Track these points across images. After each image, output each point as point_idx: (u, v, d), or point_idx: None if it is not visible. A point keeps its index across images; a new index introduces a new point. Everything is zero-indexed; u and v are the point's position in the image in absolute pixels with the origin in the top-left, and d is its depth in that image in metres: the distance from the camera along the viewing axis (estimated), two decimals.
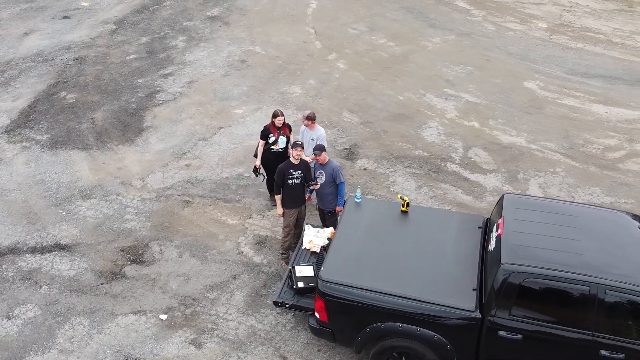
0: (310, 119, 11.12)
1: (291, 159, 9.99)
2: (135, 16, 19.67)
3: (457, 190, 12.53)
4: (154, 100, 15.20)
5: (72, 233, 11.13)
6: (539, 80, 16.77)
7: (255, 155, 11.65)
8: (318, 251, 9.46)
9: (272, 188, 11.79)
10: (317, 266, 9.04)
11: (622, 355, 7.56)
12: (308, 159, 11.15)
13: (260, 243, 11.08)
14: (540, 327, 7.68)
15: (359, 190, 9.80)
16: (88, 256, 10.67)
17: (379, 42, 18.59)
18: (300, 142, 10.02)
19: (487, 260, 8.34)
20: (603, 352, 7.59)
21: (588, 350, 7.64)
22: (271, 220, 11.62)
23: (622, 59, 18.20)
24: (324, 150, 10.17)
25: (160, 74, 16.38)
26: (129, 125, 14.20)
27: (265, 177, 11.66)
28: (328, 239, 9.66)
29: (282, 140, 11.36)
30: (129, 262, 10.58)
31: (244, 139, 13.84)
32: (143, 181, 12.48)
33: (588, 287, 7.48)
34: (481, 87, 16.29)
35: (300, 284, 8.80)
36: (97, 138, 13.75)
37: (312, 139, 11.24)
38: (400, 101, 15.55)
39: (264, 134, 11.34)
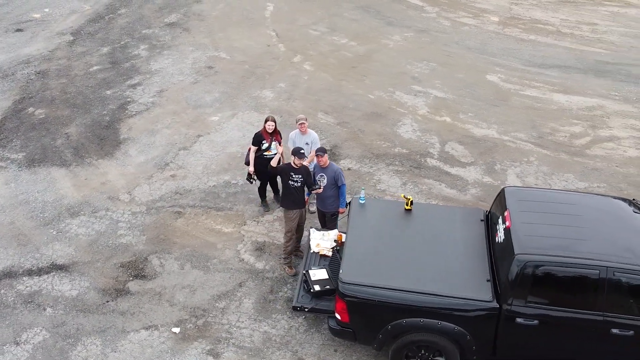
0: (304, 123, 11.27)
1: (292, 163, 10.12)
2: (92, 26, 19.30)
3: (440, 185, 12.93)
4: (126, 111, 15.02)
5: (67, 252, 10.96)
6: (500, 73, 17.39)
7: (247, 163, 11.72)
8: (328, 254, 9.63)
9: (264, 194, 11.95)
10: (331, 269, 9.22)
11: (631, 332, 8.05)
12: (305, 163, 11.31)
13: (260, 249, 11.18)
14: (555, 311, 8.10)
15: (363, 191, 10.03)
16: (88, 274, 10.53)
17: (341, 42, 18.85)
18: (302, 151, 10.15)
19: (497, 251, 8.71)
20: (614, 330, 8.07)
21: (600, 330, 8.10)
22: (266, 226, 11.73)
23: (573, 49, 19.06)
24: (326, 152, 10.35)
25: (128, 84, 16.18)
26: (105, 139, 14.00)
27: (258, 182, 11.74)
28: (335, 241, 9.85)
29: (275, 145, 11.47)
30: (131, 278, 10.50)
31: (224, 146, 13.87)
32: (130, 195, 12.36)
33: (598, 271, 7.94)
34: (446, 82, 16.78)
35: (317, 287, 8.98)
36: (74, 153, 13.51)
37: (307, 143, 11.40)
38: (371, 100, 15.85)
39: (257, 140, 11.43)
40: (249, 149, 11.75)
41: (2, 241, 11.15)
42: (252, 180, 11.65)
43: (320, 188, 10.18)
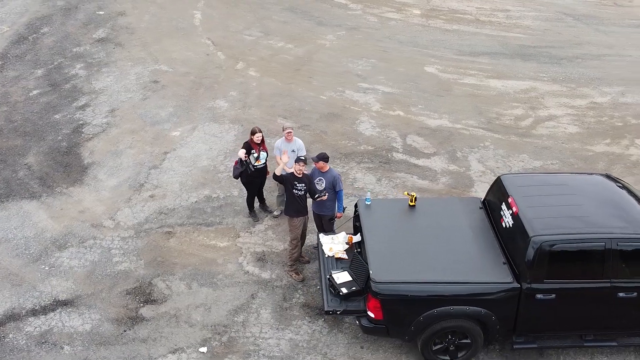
0: (291, 131, 11.53)
1: (294, 171, 10.39)
2: (17, 48, 18.48)
3: (412, 177, 13.57)
4: (82, 135, 14.64)
5: (67, 286, 10.69)
6: (436, 64, 18.30)
7: (236, 177, 11.82)
8: (343, 257, 10.00)
9: (251, 204, 12.14)
10: (353, 270, 9.60)
11: (634, 294, 8.99)
12: (279, 169, 11.56)
13: (261, 259, 11.37)
14: (570, 284, 8.89)
15: (368, 193, 10.47)
16: (96, 306, 10.35)
17: (278, 46, 19.11)
18: (303, 157, 10.44)
19: (505, 236, 9.40)
20: (620, 294, 8.97)
21: (608, 296, 8.98)
22: (261, 236, 11.92)
23: (494, 35, 20.30)
24: (328, 158, 10.69)
25: (75, 106, 15.73)
26: (69, 165, 13.61)
27: (252, 165, 11.65)
28: (346, 243, 10.24)
29: (263, 155, 11.68)
30: (141, 304, 10.42)
31: (194, 160, 13.85)
32: (114, 220, 12.16)
33: (603, 243, 8.80)
34: (390, 77, 17.47)
35: (344, 290, 9.34)
36: (41, 184, 13.06)
37: (293, 151, 11.68)
38: (324, 101, 16.27)
39: (248, 149, 11.55)
40: (236, 163, 11.87)
41: None
42: (244, 164, 11.46)
43: (325, 196, 10.50)
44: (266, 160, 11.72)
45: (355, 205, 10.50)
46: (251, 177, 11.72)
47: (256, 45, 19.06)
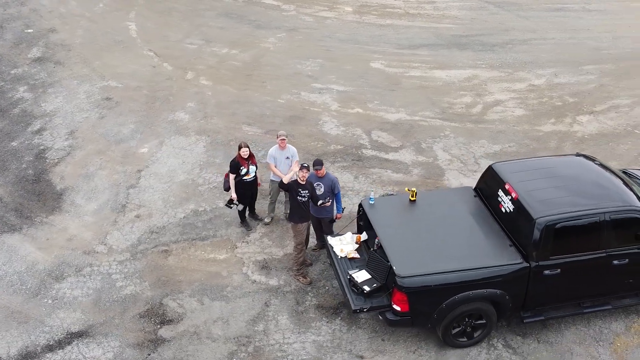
0: (284, 139, 11.79)
1: (298, 179, 10.68)
2: None
3: (386, 172, 14.14)
4: (46, 160, 14.24)
5: (76, 317, 10.53)
6: (380, 59, 18.95)
7: (227, 189, 11.97)
8: (356, 256, 10.43)
9: (243, 215, 12.33)
10: (370, 268, 10.04)
11: (626, 260, 9.95)
12: (287, 177, 11.87)
13: (265, 267, 11.60)
14: (572, 258, 9.72)
15: (372, 193, 10.91)
16: (112, 334, 10.27)
17: (222, 52, 19.16)
18: (306, 165, 10.73)
19: (507, 220, 10.12)
20: (614, 262, 9.91)
21: (604, 265, 9.89)
22: (258, 245, 12.12)
23: (427, 27, 21.21)
24: (323, 164, 11.04)
25: (31, 131, 15.24)
26: (42, 194, 13.25)
27: (241, 206, 12.05)
28: (356, 242, 10.67)
29: (252, 169, 11.87)
30: (158, 325, 10.43)
31: (171, 176, 13.82)
32: (105, 245, 12.01)
33: (598, 217, 9.68)
34: (340, 75, 17.96)
35: (367, 288, 9.77)
36: (18, 216, 12.67)
37: (287, 157, 11.96)
38: (283, 104, 16.56)
39: (235, 168, 11.71)
40: (226, 175, 12.01)
41: None
42: (232, 205, 11.92)
43: (328, 202, 10.86)
44: (255, 172, 11.91)
45: (360, 206, 10.92)
46: (242, 190, 11.88)
47: (200, 53, 19.02)
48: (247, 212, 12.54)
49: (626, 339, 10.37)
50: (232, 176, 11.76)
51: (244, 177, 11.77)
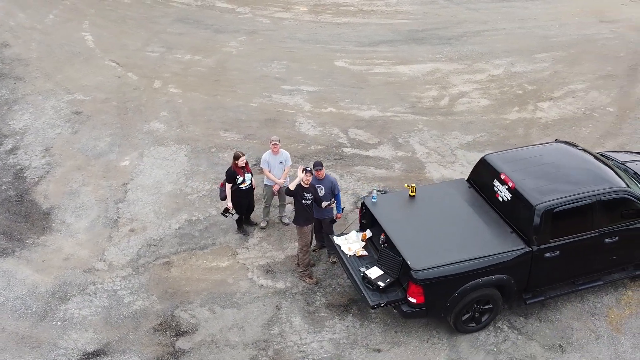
0: (277, 144, 11.99)
1: (302, 183, 10.92)
2: None
3: (370, 168, 14.53)
4: (26, 180, 13.96)
5: (90, 337, 10.47)
6: (343, 58, 19.31)
7: (223, 198, 12.09)
8: (365, 253, 10.77)
9: (241, 222, 12.47)
10: (381, 264, 10.40)
11: (616, 238, 10.65)
12: (281, 181, 12.12)
13: (269, 271, 11.79)
14: (569, 239, 10.34)
15: (374, 191, 11.25)
16: (130, 350, 10.27)
17: (186, 59, 19.10)
18: (309, 169, 10.97)
19: (505, 208, 10.64)
20: (606, 240, 10.60)
21: (597, 243, 10.55)
22: (258, 250, 12.28)
23: (383, 24, 21.70)
24: (323, 166, 11.31)
25: (4, 151, 14.88)
26: (29, 214, 13.00)
27: (236, 215, 12.19)
28: (362, 240, 11.01)
29: (248, 177, 12.02)
30: (174, 338, 10.50)
31: (157, 187, 13.78)
32: (104, 262, 11.93)
33: (590, 200, 10.33)
34: (307, 76, 18.22)
35: (381, 284, 10.12)
36: (8, 239, 12.41)
37: (281, 162, 12.17)
38: (256, 108, 16.70)
39: (231, 177, 11.83)
40: (222, 184, 12.13)
41: (9, 352, 10.20)
42: (227, 214, 12.05)
43: (333, 203, 11.14)
44: (251, 180, 12.06)
45: (362, 204, 11.24)
46: (238, 198, 12.01)
47: (163, 61, 18.90)
48: (242, 219, 12.66)
49: (618, 311, 11.09)
50: (228, 185, 11.87)
51: (240, 186, 11.91)
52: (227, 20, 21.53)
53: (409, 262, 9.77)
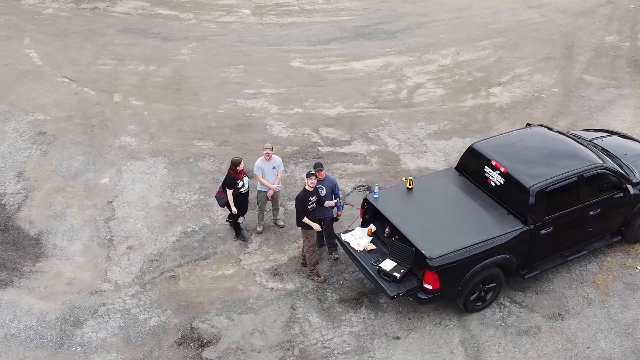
0: (269, 152, 12.29)
1: (306, 187, 11.30)
2: None
3: (348, 165, 15.03)
4: (6, 208, 13.61)
5: (113, 358, 10.50)
6: (298, 58, 19.68)
7: (223, 205, 12.31)
8: (374, 247, 11.28)
9: (238, 228, 12.72)
10: (393, 256, 10.94)
11: (598, 210, 11.64)
12: (274, 186, 12.45)
13: (277, 274, 12.11)
14: (559, 215, 11.22)
15: (376, 187, 11.75)
16: None
17: (140, 70, 18.94)
18: (313, 172, 11.35)
19: (499, 192, 11.38)
20: (590, 212, 11.56)
21: (582, 217, 11.50)
22: (261, 254, 12.55)
23: (328, 22, 22.18)
24: (323, 167, 11.72)
25: None
26: (18, 242, 12.73)
27: (242, 218, 12.43)
28: (368, 234, 11.52)
29: (246, 180, 12.30)
30: (199, 349, 10.66)
31: (145, 202, 13.76)
32: (109, 282, 11.90)
33: (575, 177, 11.25)
34: (267, 78, 18.49)
35: (397, 275, 10.67)
36: (3, 269, 12.13)
37: (274, 168, 12.48)
38: (224, 114, 16.85)
39: (232, 183, 12.06)
40: (219, 192, 12.34)
41: None
42: (231, 219, 12.29)
43: (338, 201, 11.58)
44: (247, 183, 12.32)
45: (365, 200, 11.72)
46: (238, 202, 12.26)
47: (117, 73, 18.67)
48: (242, 221, 12.85)
49: (602, 276, 12.11)
50: (229, 191, 12.08)
51: (240, 190, 12.15)
52: (174, 28, 21.41)
53: (423, 252, 10.34)
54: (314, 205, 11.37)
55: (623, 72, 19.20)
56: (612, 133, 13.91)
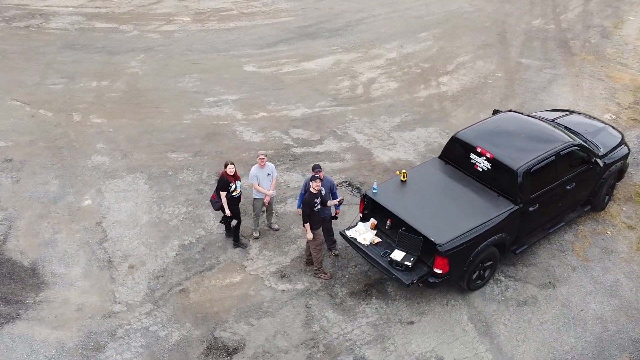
0: (264, 158, 12.64)
1: (311, 189, 11.76)
2: None
3: (325, 163, 15.50)
4: None
5: None
6: (250, 62, 19.94)
7: (217, 209, 12.57)
8: (379, 240, 11.90)
9: (237, 235, 13.04)
10: (401, 246, 11.59)
11: (573, 183, 12.75)
12: (271, 192, 12.84)
13: (284, 276, 12.51)
14: (543, 192, 12.22)
15: (375, 183, 12.33)
16: None
17: (93, 86, 18.65)
18: (317, 176, 11.79)
19: (486, 177, 12.25)
20: (567, 187, 12.65)
21: (561, 191, 12.56)
22: (263, 258, 12.89)
23: (270, 24, 22.51)
24: (321, 168, 12.20)
25: None
26: (14, 274, 12.45)
27: (235, 221, 12.70)
28: (372, 228, 12.12)
29: (239, 184, 12.60)
30: (228, 357, 10.93)
31: (134, 220, 13.73)
32: (120, 303, 11.93)
33: (553, 156, 12.28)
34: (225, 85, 18.68)
35: (409, 263, 11.34)
36: (6, 304, 11.84)
37: (268, 174, 12.85)
38: (191, 124, 16.95)
39: (225, 185, 12.31)
40: (213, 196, 12.60)
41: None
42: (224, 221, 12.59)
43: (341, 200, 12.12)
44: (240, 187, 12.62)
45: (365, 196, 12.29)
46: (232, 206, 12.53)
47: (70, 92, 18.32)
48: (239, 230, 13.11)
49: (579, 243, 13.26)
50: (223, 194, 12.33)
51: (233, 193, 12.42)
52: (116, 40, 21.12)
53: (432, 239, 11.04)
54: (319, 206, 11.83)
55: (554, 53, 20.63)
56: (570, 112, 15.07)
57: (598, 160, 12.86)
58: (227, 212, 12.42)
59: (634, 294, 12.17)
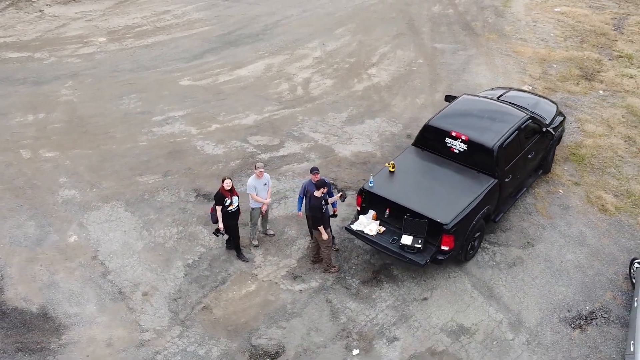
0: (262, 170, 13.21)
1: (317, 193, 12.52)
2: None
3: (293, 165, 16.22)
4: None
5: None
6: (184, 76, 20.10)
7: (215, 222, 13.03)
8: (384, 228, 12.91)
9: (238, 246, 13.57)
10: (407, 231, 12.66)
11: (533, 152, 14.41)
12: (268, 201, 13.47)
13: (296, 277, 13.19)
14: (513, 164, 13.75)
15: (371, 177, 13.26)
16: None
17: (30, 120, 18.02)
18: (326, 182, 12.51)
19: (463, 157, 13.56)
20: (529, 156, 14.28)
21: (525, 160, 14.17)
22: (271, 265, 13.46)
23: (189, 36, 22.69)
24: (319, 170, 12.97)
25: None
26: (27, 323, 12.16)
27: (226, 236, 13.22)
28: (374, 219, 13.10)
29: (235, 199, 13.09)
30: None
31: (129, 249, 13.72)
32: (149, 331, 12.09)
33: (517, 131, 13.79)
34: (167, 102, 18.76)
35: (419, 245, 12.45)
36: (29, 353, 11.67)
37: (265, 184, 13.45)
38: (149, 145, 16.96)
39: (220, 199, 12.78)
40: (212, 210, 13.06)
41: None
42: (219, 234, 13.10)
43: (345, 195, 12.96)
44: (238, 203, 13.12)
45: (362, 190, 13.20)
46: (227, 220, 13.02)
47: (7, 129, 17.64)
48: (238, 242, 13.57)
49: (540, 204, 14.99)
50: (218, 208, 12.81)
51: (229, 208, 12.92)
52: (36, 70, 20.41)
53: (438, 220, 12.21)
54: (325, 206, 12.61)
55: (462, 35, 22.49)
56: (508, 89, 16.78)
57: (549, 129, 14.56)
58: (221, 225, 12.84)
59: (598, 241, 14.03)
